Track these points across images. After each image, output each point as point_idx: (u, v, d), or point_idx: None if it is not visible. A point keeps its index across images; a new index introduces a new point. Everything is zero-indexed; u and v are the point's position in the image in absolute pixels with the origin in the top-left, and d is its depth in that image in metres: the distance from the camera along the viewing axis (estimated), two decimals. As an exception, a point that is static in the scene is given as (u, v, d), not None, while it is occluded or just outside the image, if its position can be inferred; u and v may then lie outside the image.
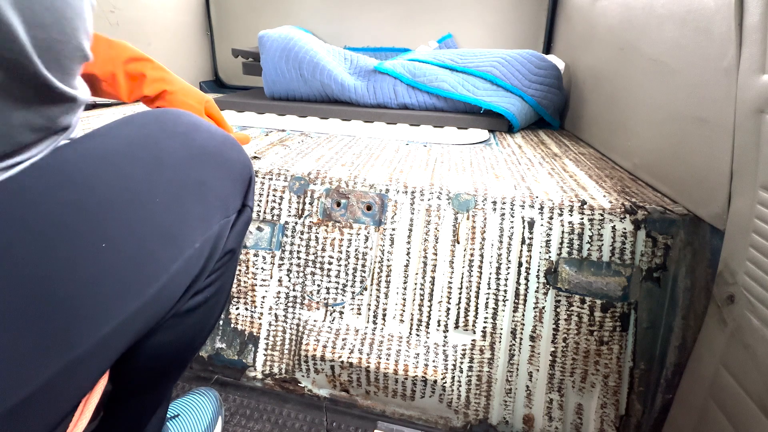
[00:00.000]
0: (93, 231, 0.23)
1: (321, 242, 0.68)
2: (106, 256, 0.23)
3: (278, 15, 1.61)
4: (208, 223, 0.31)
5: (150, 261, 0.26)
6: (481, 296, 0.64)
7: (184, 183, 0.29)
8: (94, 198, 0.24)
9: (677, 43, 0.64)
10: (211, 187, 0.31)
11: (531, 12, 1.45)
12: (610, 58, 0.91)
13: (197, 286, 0.32)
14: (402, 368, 0.62)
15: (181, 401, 0.58)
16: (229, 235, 0.34)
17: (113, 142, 0.28)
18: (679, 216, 0.58)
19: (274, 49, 1.19)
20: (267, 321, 0.69)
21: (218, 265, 0.34)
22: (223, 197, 0.33)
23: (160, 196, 0.27)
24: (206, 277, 0.33)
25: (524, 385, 0.62)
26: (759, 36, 0.46)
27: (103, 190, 0.25)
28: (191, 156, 0.31)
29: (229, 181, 0.34)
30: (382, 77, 1.17)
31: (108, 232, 0.24)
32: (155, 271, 0.26)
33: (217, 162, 0.33)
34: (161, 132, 0.31)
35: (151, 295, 0.26)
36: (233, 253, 0.36)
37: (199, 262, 0.30)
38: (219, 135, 0.35)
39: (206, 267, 0.31)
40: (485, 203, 0.64)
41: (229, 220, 0.34)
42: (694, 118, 0.58)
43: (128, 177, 0.27)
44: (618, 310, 0.60)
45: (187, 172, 0.30)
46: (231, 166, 0.34)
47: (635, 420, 0.59)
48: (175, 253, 0.28)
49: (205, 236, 0.30)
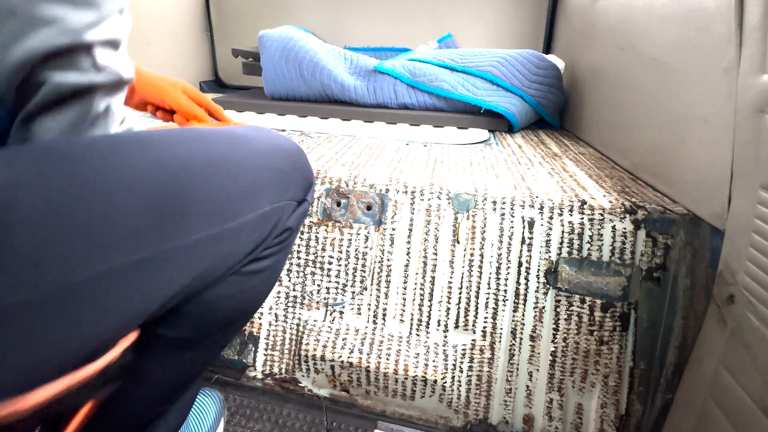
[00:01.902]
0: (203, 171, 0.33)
1: (321, 242, 0.68)
2: (207, 188, 0.33)
3: (278, 15, 1.61)
4: (277, 197, 0.40)
5: (233, 204, 0.35)
6: (481, 296, 0.64)
7: (267, 164, 0.40)
8: (210, 152, 0.35)
9: (677, 42, 0.64)
10: (285, 174, 0.42)
11: (531, 12, 1.45)
12: (610, 57, 0.91)
13: (259, 251, 0.39)
14: (402, 368, 0.62)
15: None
16: (290, 216, 0.42)
17: (231, 130, 0.40)
18: (679, 216, 0.58)
19: (274, 49, 1.19)
20: (267, 321, 0.69)
21: (278, 239, 0.41)
22: (291, 185, 0.42)
23: (253, 165, 0.38)
24: (267, 247, 0.40)
25: (524, 385, 0.62)
26: (759, 36, 0.46)
27: (220, 149, 0.36)
28: (276, 149, 0.42)
29: (298, 176, 0.43)
30: (382, 77, 1.17)
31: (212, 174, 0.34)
32: (234, 213, 0.35)
33: (292, 160, 0.43)
34: (260, 133, 0.42)
35: (229, 228, 0.35)
36: (291, 232, 0.43)
37: (267, 225, 0.39)
38: (295, 145, 0.46)
39: (270, 234, 0.40)
40: (485, 203, 0.64)
41: (292, 203, 0.42)
42: (694, 117, 0.58)
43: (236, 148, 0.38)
44: (618, 310, 0.60)
45: (273, 158, 0.41)
46: (301, 166, 0.44)
47: (635, 420, 0.59)
48: (250, 206, 0.37)
49: (273, 205, 0.39)
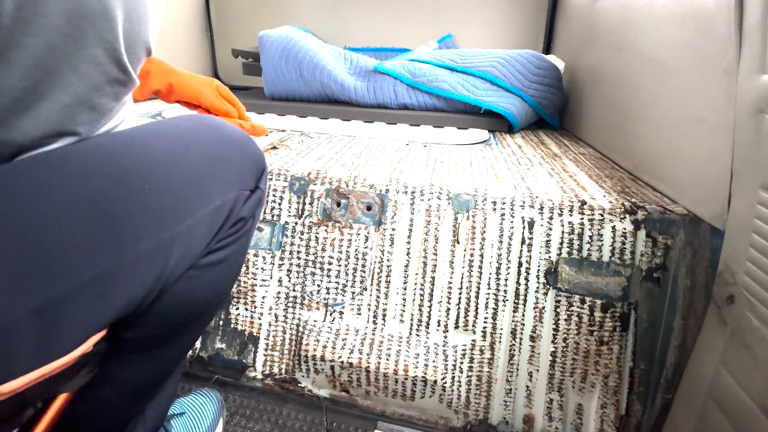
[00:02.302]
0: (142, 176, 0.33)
1: (321, 242, 0.68)
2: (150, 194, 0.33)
3: (278, 15, 1.61)
4: (228, 189, 0.39)
5: (180, 204, 0.35)
6: (481, 296, 0.64)
7: (214, 156, 0.39)
8: (147, 155, 0.34)
9: (677, 43, 0.64)
10: (233, 164, 0.41)
11: (531, 12, 1.45)
12: (609, 58, 0.91)
13: (214, 245, 0.40)
14: (402, 368, 0.62)
15: (185, 400, 0.58)
16: (243, 206, 0.42)
17: (166, 126, 0.39)
18: (679, 216, 0.58)
19: (274, 50, 1.19)
20: (267, 321, 0.69)
21: (233, 230, 0.41)
22: (241, 174, 0.41)
23: (194, 161, 0.37)
24: (222, 238, 0.40)
25: (524, 385, 0.62)
26: (759, 36, 0.46)
27: (156, 151, 0.35)
28: (221, 140, 0.41)
29: (246, 164, 0.42)
30: (382, 77, 1.17)
31: (153, 178, 0.33)
32: (183, 213, 0.35)
33: (239, 148, 0.42)
34: (200, 124, 0.41)
35: (180, 231, 0.35)
36: (245, 222, 0.43)
37: (219, 218, 0.39)
38: (240, 132, 0.44)
39: (223, 226, 0.40)
40: (485, 203, 0.64)
41: (244, 192, 0.42)
42: (694, 118, 0.58)
43: (174, 146, 0.37)
44: (618, 310, 0.60)
45: (217, 150, 0.40)
46: (250, 153, 0.43)
47: (635, 420, 0.59)
48: (200, 203, 0.36)
49: (224, 198, 0.39)
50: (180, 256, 0.35)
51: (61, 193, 0.29)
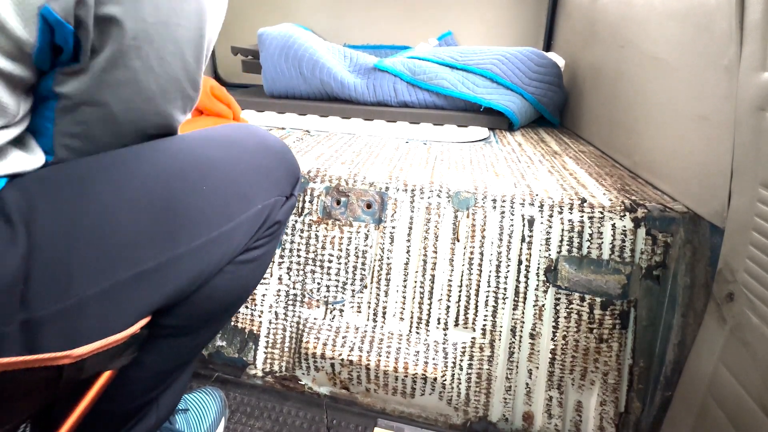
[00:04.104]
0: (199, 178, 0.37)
1: (321, 240, 0.68)
2: (205, 195, 0.36)
3: (278, 12, 1.60)
4: (269, 194, 0.43)
5: (229, 207, 0.38)
6: (481, 294, 0.64)
7: (259, 164, 0.43)
8: (204, 160, 0.38)
9: (678, 40, 0.63)
10: (273, 172, 0.44)
11: (531, 9, 1.44)
12: (610, 55, 0.90)
13: (251, 243, 0.42)
14: (402, 366, 0.62)
15: (189, 397, 0.58)
16: (280, 211, 0.45)
17: (218, 133, 0.42)
18: (678, 214, 0.58)
19: (274, 47, 1.19)
20: (267, 319, 0.70)
21: (268, 232, 0.44)
22: (280, 181, 0.45)
23: (242, 168, 0.41)
24: (259, 238, 0.43)
25: (524, 383, 0.62)
26: (760, 34, 0.46)
27: (212, 157, 0.39)
28: (266, 150, 0.44)
29: (285, 172, 0.46)
30: (382, 75, 1.16)
31: (208, 181, 0.37)
32: (231, 214, 0.38)
33: (279, 157, 0.45)
34: (247, 133, 0.44)
35: (227, 230, 0.38)
36: (280, 225, 0.46)
37: (258, 222, 0.42)
38: (282, 142, 0.48)
39: (261, 227, 0.43)
40: (485, 201, 0.64)
41: (281, 198, 0.45)
42: (694, 115, 0.58)
43: (227, 153, 0.40)
44: (617, 308, 0.60)
45: (262, 158, 0.43)
46: (288, 163, 0.47)
47: (634, 417, 0.59)
48: (245, 207, 0.40)
49: (264, 203, 0.42)
50: (222, 254, 0.38)
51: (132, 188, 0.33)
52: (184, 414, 0.55)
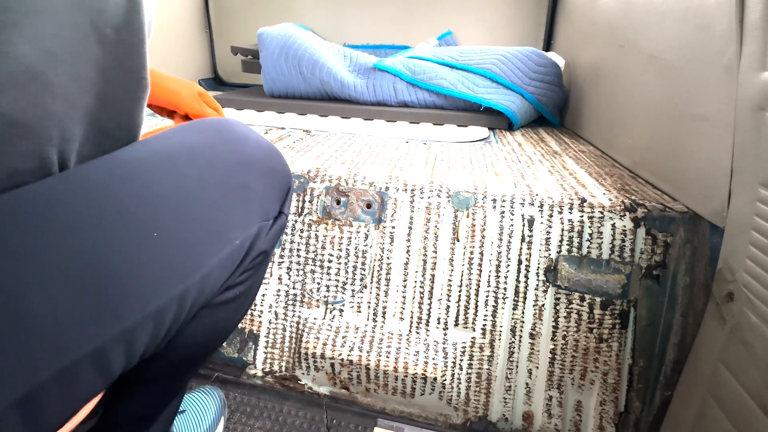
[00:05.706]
0: (149, 221, 0.27)
1: (321, 240, 0.68)
2: (158, 243, 0.27)
3: (277, 12, 1.60)
4: (248, 223, 0.33)
5: (195, 251, 0.29)
6: (481, 294, 0.64)
7: (231, 185, 0.33)
8: (153, 192, 0.28)
9: (678, 40, 0.63)
10: (254, 191, 0.34)
11: (531, 9, 1.44)
12: (610, 55, 0.90)
13: (231, 281, 0.34)
14: (402, 366, 0.62)
15: (186, 397, 0.58)
16: (265, 238, 0.36)
17: (175, 144, 0.32)
18: (678, 214, 0.58)
19: (274, 47, 1.19)
20: (267, 319, 0.70)
21: (252, 264, 0.36)
22: (264, 202, 0.35)
23: (209, 195, 0.31)
24: (240, 273, 0.35)
25: (524, 383, 0.62)
26: (760, 33, 0.46)
27: (162, 186, 0.28)
28: (240, 162, 0.34)
29: (270, 188, 0.37)
30: (382, 75, 1.16)
31: (161, 223, 0.27)
32: (199, 261, 0.29)
33: (261, 170, 0.36)
34: (217, 138, 0.34)
35: (193, 282, 0.29)
36: (266, 255, 0.38)
37: (237, 259, 0.33)
38: (266, 145, 0.38)
39: (242, 264, 0.34)
40: (485, 201, 0.64)
41: (267, 223, 0.36)
42: (694, 115, 0.58)
43: (184, 176, 0.30)
44: (617, 308, 0.60)
45: (235, 176, 0.33)
46: (274, 175, 0.37)
47: (634, 417, 0.59)
48: (217, 247, 0.30)
49: (245, 235, 0.33)
50: (192, 305, 0.30)
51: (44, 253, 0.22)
52: (182, 415, 0.55)
